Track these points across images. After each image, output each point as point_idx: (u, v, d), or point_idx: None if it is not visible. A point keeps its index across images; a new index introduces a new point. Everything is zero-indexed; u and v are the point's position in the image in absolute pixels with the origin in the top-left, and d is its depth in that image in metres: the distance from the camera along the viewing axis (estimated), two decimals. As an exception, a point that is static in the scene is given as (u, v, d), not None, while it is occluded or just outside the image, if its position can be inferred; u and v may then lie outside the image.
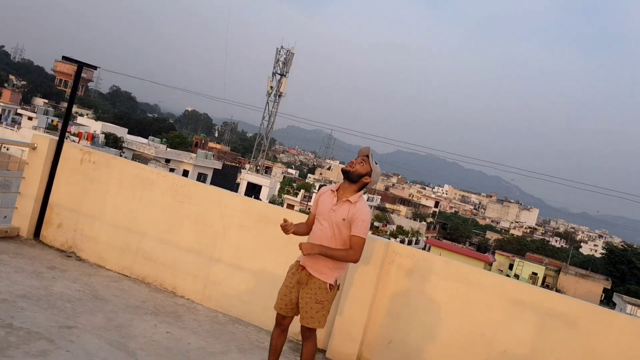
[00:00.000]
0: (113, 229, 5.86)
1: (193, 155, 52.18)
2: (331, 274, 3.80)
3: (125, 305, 4.91)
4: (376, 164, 3.83)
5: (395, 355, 4.92)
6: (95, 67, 7.13)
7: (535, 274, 53.09)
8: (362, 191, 3.83)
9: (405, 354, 4.89)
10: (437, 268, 4.90)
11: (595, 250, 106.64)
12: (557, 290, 51.57)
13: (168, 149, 51.64)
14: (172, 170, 43.53)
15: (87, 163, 6.07)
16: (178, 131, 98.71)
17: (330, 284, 3.79)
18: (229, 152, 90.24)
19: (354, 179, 3.81)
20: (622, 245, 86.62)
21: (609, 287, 55.68)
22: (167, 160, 47.86)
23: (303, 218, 5.62)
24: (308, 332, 3.86)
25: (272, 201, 51.26)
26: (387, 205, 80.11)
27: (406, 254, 5.03)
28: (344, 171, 3.85)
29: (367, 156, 3.85)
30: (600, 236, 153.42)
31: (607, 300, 54.20)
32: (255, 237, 5.38)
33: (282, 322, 3.96)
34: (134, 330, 4.41)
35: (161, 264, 5.63)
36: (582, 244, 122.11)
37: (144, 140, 54.00)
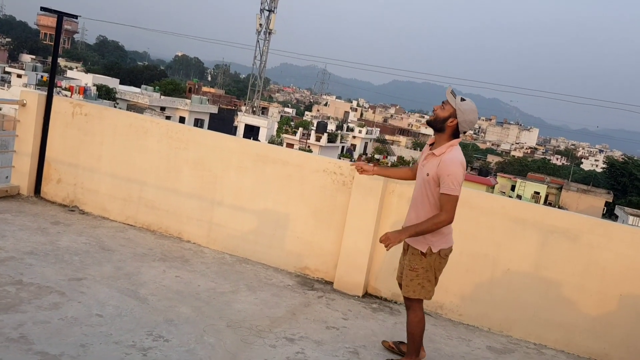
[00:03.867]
0: (112, 180, 5.86)
1: (188, 101, 51.71)
2: (424, 241, 3.44)
3: (133, 253, 4.98)
4: (463, 100, 3.35)
5: (402, 282, 5.01)
6: (76, 17, 6.92)
7: (538, 193, 53.57)
8: (454, 140, 3.38)
9: (411, 279, 4.97)
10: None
11: (597, 165, 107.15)
12: (560, 207, 52.23)
13: (162, 97, 51.11)
14: (168, 117, 43.24)
15: (79, 116, 6.00)
16: (170, 78, 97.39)
17: (421, 251, 3.46)
18: (224, 95, 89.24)
19: (438, 127, 3.38)
20: (622, 158, 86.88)
21: (611, 201, 56.26)
22: (162, 108, 47.48)
23: (306, 157, 5.61)
24: (407, 302, 3.63)
25: (271, 141, 51.14)
26: (387, 137, 79.96)
27: (406, 183, 5.03)
28: (427, 122, 3.52)
29: (450, 101, 3.39)
30: (600, 151, 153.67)
31: (609, 214, 54.94)
32: (254, 177, 5.38)
33: (400, 289, 3.73)
34: (144, 277, 4.49)
35: (164, 211, 5.66)
36: (583, 160, 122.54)
37: (137, 90, 53.37)
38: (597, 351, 4.56)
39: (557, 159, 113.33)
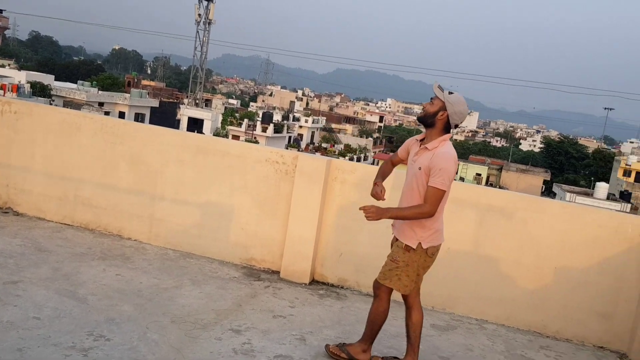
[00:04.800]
0: (47, 179, 5.64)
1: (127, 95, 50.24)
2: (412, 235, 3.35)
3: (71, 253, 4.82)
4: (451, 93, 3.31)
5: (347, 266, 5.07)
6: (0, 11, 6.60)
7: (479, 174, 55.12)
8: (446, 135, 3.33)
9: (357, 263, 5.04)
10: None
11: (534, 146, 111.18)
12: (500, 187, 53.96)
13: (100, 92, 49.46)
14: (107, 113, 41.91)
15: (8, 114, 5.73)
16: (108, 72, 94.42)
17: (407, 245, 3.37)
18: (165, 88, 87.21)
19: (429, 122, 3.33)
20: (558, 138, 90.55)
21: (549, 179, 58.58)
22: (101, 104, 45.99)
23: (248, 147, 5.55)
24: (376, 289, 3.52)
25: (216, 134, 50.46)
26: (333, 126, 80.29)
27: (349, 169, 5.08)
28: (418, 119, 3.46)
29: (437, 95, 3.34)
30: (538, 131, 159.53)
31: (547, 191, 57.19)
32: (195, 170, 5.30)
33: (405, 303, 3.62)
34: (83, 277, 4.36)
35: (103, 209, 5.50)
36: (521, 141, 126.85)
37: (73, 86, 51.44)
38: (535, 323, 4.75)
39: (496, 140, 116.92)
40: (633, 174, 53.96)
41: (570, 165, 72.40)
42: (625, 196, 46.99)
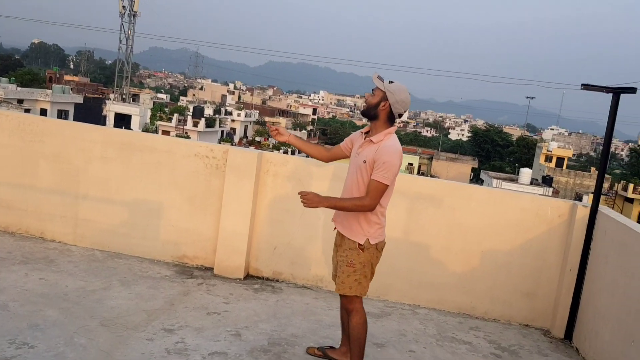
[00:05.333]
0: (-41, 182, 5.29)
1: (48, 91, 47.91)
2: (361, 231, 3.24)
3: (-12, 259, 4.55)
4: (392, 82, 3.22)
5: (282, 259, 5.06)
6: None
7: (411, 164, 56.39)
8: (391, 128, 3.24)
9: (291, 256, 5.04)
10: (312, 171, 4.99)
11: (463, 135, 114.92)
12: (432, 176, 55.45)
13: (19, 89, 46.92)
14: (27, 110, 39.82)
15: None
16: (27, 67, 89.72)
17: (359, 243, 3.24)
18: (89, 83, 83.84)
19: (372, 114, 3.23)
20: (485, 127, 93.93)
21: (477, 166, 60.78)
22: (20, 101, 43.63)
23: (175, 142, 5.41)
24: (346, 303, 3.34)
25: (146, 130, 49.04)
26: (266, 119, 79.82)
27: (280, 161, 5.05)
28: (361, 113, 3.34)
29: (377, 85, 3.25)
30: (465, 121, 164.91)
31: (475, 178, 59.33)
32: (121, 167, 5.11)
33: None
34: (2, 282, 4.12)
35: (23, 210, 5.23)
36: (450, 130, 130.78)
37: (-11, 82, 48.53)
38: (465, 305, 4.91)
39: (427, 131, 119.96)
40: (554, 160, 56.83)
41: (496, 153, 75.37)
42: (547, 181, 49.45)
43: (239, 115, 66.31)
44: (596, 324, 4.23)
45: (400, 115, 3.27)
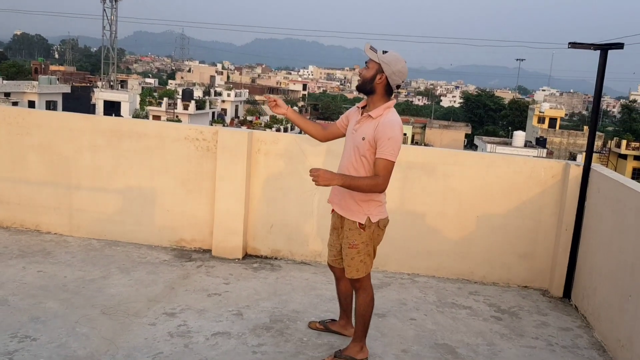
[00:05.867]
0: (-51, 180, 5.25)
1: (35, 83, 47.40)
2: (360, 210, 3.13)
3: (-15, 255, 4.54)
4: (385, 52, 3.06)
5: (279, 237, 5.07)
6: None
7: (405, 134, 56.35)
8: (390, 102, 3.11)
9: (288, 233, 5.05)
10: (305, 148, 4.96)
11: (455, 101, 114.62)
12: (425, 145, 55.48)
13: (4, 82, 46.41)
14: (15, 103, 39.43)
15: None
16: (11, 59, 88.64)
17: (360, 223, 3.15)
18: (76, 72, 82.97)
19: (368, 88, 3.09)
20: (476, 92, 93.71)
21: (470, 132, 60.76)
22: (7, 94, 43.19)
23: (165, 126, 5.36)
24: (355, 283, 3.29)
25: (136, 116, 48.70)
26: (257, 97, 79.35)
27: (271, 140, 5.03)
28: (357, 88, 3.17)
29: (371, 57, 3.08)
30: (456, 87, 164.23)
31: (470, 144, 59.39)
32: (111, 155, 5.08)
33: (335, 274, 3.50)
34: (1, 277, 4.11)
35: (16, 204, 5.20)
36: (442, 97, 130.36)
37: (-26, 77, 47.99)
38: (463, 271, 4.95)
39: (419, 99, 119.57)
40: (547, 121, 56.84)
41: (489, 117, 75.32)
42: (540, 142, 49.54)
43: (228, 95, 65.84)
44: (593, 281, 4.27)
45: (398, 87, 3.12)
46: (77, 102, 48.69)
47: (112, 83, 58.40)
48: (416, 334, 3.82)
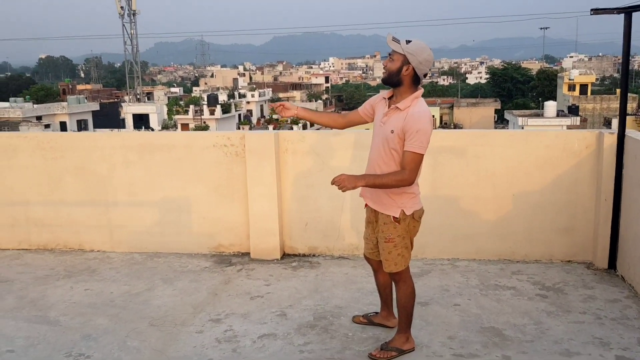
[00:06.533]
0: (-7, 208, 5.43)
1: (64, 104, 48.53)
2: (393, 204, 3.09)
3: (34, 278, 4.69)
4: (409, 42, 2.97)
5: (315, 234, 5.09)
6: None
7: (433, 116, 55.63)
8: (418, 92, 3.03)
9: (323, 229, 5.07)
10: (331, 142, 4.98)
11: (481, 78, 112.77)
12: (455, 125, 54.76)
13: (35, 106, 47.66)
14: (47, 126, 40.55)
15: (-63, 149, 5.46)
16: (39, 83, 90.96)
17: (394, 217, 3.11)
18: (102, 89, 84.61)
19: (395, 81, 3.02)
20: (502, 65, 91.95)
21: (499, 107, 59.68)
22: (39, 118, 44.34)
23: (192, 135, 5.44)
24: (394, 276, 3.28)
25: (165, 126, 49.46)
26: (281, 95, 79.62)
27: (297, 138, 5.05)
28: (383, 81, 3.10)
29: (394, 49, 2.99)
30: (481, 63, 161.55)
31: (500, 120, 58.36)
32: (144, 169, 5.18)
33: (373, 267, 3.51)
34: (50, 299, 4.26)
35: (58, 226, 5.35)
36: (467, 75, 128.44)
37: (6, 104, 49.33)
38: (504, 251, 4.89)
39: (443, 79, 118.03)
40: (577, 87, 55.43)
41: (518, 90, 73.86)
42: (573, 110, 48.35)
43: (252, 96, 66.30)
44: (638, 249, 4.17)
45: (425, 75, 3.04)
46: (107, 118, 49.73)
47: (138, 96, 59.38)
48: (461, 319, 3.79)
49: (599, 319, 3.77)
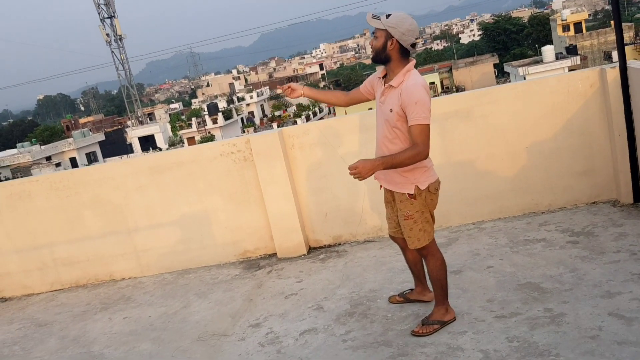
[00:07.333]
0: (19, 255, 5.51)
1: (70, 140, 49.01)
2: (406, 181, 3.08)
3: (72, 316, 4.76)
4: (389, 15, 2.95)
5: (336, 223, 5.10)
6: None
7: (433, 83, 55.24)
8: (409, 65, 3.00)
9: (344, 216, 5.07)
10: (337, 129, 4.97)
11: (474, 35, 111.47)
12: (457, 88, 54.30)
13: (43, 147, 48.16)
14: (58, 165, 40.96)
15: (-45, 208, 5.54)
16: (42, 124, 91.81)
17: (409, 194, 3.11)
18: (104, 118, 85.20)
19: (383, 58, 3.00)
20: (493, 19, 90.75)
21: (498, 61, 59.01)
22: (48, 158, 44.83)
23: (198, 149, 5.45)
24: (421, 251, 3.25)
25: (172, 143, 49.71)
26: (279, 91, 79.52)
27: (302, 132, 5.05)
28: (373, 60, 3.09)
29: (376, 26, 2.97)
30: (471, 20, 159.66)
31: (501, 74, 57.75)
32: (158, 190, 5.21)
33: (399, 244, 3.50)
34: (91, 334, 4.31)
35: (85, 261, 5.42)
36: (460, 35, 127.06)
37: (14, 151, 49.95)
38: (527, 205, 4.85)
39: (437, 44, 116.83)
40: (572, 27, 54.56)
41: (513, 41, 72.90)
42: (571, 50, 47.68)
43: (251, 97, 66.28)
44: (662, 178, 4.11)
45: (414, 45, 3.00)
46: (114, 145, 50.12)
47: (140, 119, 59.67)
48: (497, 280, 3.77)
49: (634, 254, 3.73)
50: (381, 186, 3.36)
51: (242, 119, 58.20)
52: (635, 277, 3.42)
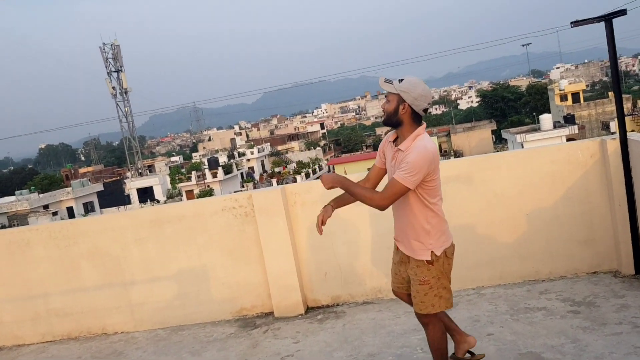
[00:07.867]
0: (13, 304, 5.42)
1: (69, 189, 49.03)
2: (422, 248, 3.04)
3: (61, 370, 4.64)
4: (402, 80, 2.96)
5: (336, 283, 5.05)
6: None
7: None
8: (419, 129, 2.99)
9: (343, 276, 5.03)
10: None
11: (472, 102, 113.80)
12: (455, 152, 54.91)
13: (41, 195, 48.11)
14: (55, 213, 40.83)
15: (-49, 254, 5.50)
16: (42, 173, 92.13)
17: (427, 261, 3.05)
18: (104, 169, 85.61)
19: (394, 121, 3.01)
20: (491, 87, 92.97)
21: (496, 128, 59.97)
22: (46, 207, 44.71)
23: (200, 203, 5.46)
24: (423, 318, 3.16)
25: (170, 196, 49.76)
26: (279, 148, 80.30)
27: (304, 190, 5.08)
28: (384, 124, 3.10)
29: (388, 90, 3.00)
30: (470, 87, 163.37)
31: (498, 140, 58.54)
32: (157, 243, 5.19)
33: (404, 300, 3.37)
34: (81, 389, 4.20)
35: (79, 313, 5.32)
36: (458, 101, 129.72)
37: (12, 198, 49.86)
38: (527, 272, 4.83)
39: (435, 109, 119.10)
40: (569, 97, 55.76)
41: (511, 108, 74.43)
42: (569, 119, 48.51)
43: (252, 153, 66.94)
44: (663, 250, 4.11)
45: (426, 110, 2.99)
46: (112, 196, 50.11)
47: (140, 170, 59.98)
48: (497, 348, 3.71)
49: (637, 327, 3.68)
50: (397, 247, 3.27)
51: (241, 173, 58.51)
52: (639, 351, 3.37)
